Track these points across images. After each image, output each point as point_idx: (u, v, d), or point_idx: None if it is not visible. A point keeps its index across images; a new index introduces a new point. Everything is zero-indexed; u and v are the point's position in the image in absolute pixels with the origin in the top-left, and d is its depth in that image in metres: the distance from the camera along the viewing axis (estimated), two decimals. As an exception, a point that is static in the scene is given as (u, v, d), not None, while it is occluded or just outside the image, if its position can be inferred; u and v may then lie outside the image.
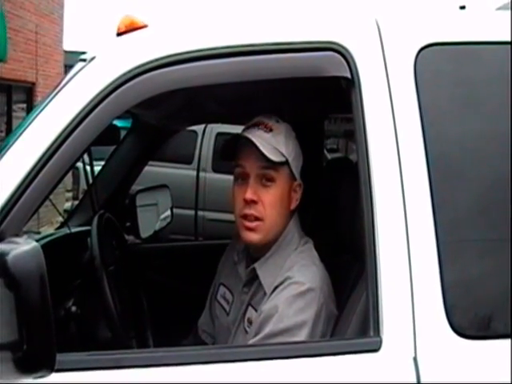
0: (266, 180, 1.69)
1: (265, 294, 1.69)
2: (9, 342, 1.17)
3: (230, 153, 1.74)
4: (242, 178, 1.71)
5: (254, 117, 1.77)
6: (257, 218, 1.68)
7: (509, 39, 1.51)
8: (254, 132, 1.69)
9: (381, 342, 1.35)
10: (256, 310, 1.70)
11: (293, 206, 1.75)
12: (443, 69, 1.51)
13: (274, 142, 1.68)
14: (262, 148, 1.63)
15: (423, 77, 1.46)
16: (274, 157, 1.65)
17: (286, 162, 1.70)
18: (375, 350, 1.35)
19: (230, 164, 1.77)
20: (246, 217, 1.68)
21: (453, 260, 1.40)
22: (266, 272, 1.71)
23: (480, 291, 1.43)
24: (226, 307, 1.85)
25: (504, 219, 1.44)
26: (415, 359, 1.35)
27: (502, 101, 1.48)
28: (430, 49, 1.49)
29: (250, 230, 1.69)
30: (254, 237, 1.69)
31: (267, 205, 1.68)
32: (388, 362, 1.35)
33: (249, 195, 1.67)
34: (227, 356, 1.40)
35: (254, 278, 1.75)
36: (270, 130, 1.70)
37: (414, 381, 1.33)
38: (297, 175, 1.74)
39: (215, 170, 7.40)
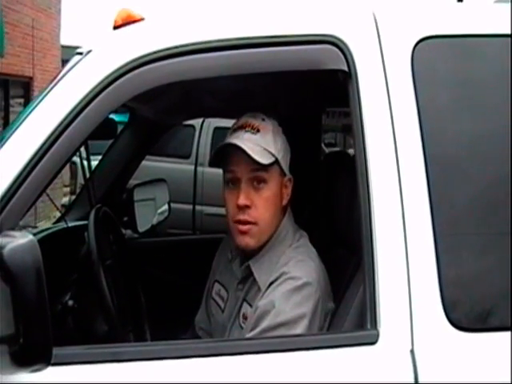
0: (257, 182, 1.67)
1: (259, 289, 1.68)
2: (5, 335, 1.17)
3: (220, 160, 1.72)
4: (232, 183, 1.69)
5: (252, 111, 1.76)
6: (250, 223, 1.67)
7: (506, 32, 1.50)
8: (242, 136, 1.67)
9: (378, 334, 1.35)
10: (251, 306, 1.69)
11: (284, 202, 1.74)
12: (440, 62, 1.51)
13: (262, 143, 1.66)
14: (251, 153, 1.61)
15: (420, 70, 1.46)
16: (263, 159, 1.63)
17: (276, 161, 1.68)
18: (372, 343, 1.35)
19: None
20: (239, 222, 1.68)
21: (450, 253, 1.40)
22: (261, 269, 1.70)
23: (477, 284, 1.43)
24: (221, 304, 1.85)
25: (501, 212, 1.44)
26: (412, 352, 1.35)
27: (500, 93, 1.48)
28: (427, 42, 1.49)
29: (245, 233, 1.68)
30: (249, 241, 1.69)
31: (260, 208, 1.67)
32: (385, 354, 1.35)
33: (242, 201, 1.65)
34: (224, 349, 1.40)
35: (248, 274, 1.74)
36: (258, 131, 1.68)
37: (412, 373, 1.33)
38: (286, 171, 1.73)
39: (213, 164, 7.37)
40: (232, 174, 1.69)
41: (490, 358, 1.37)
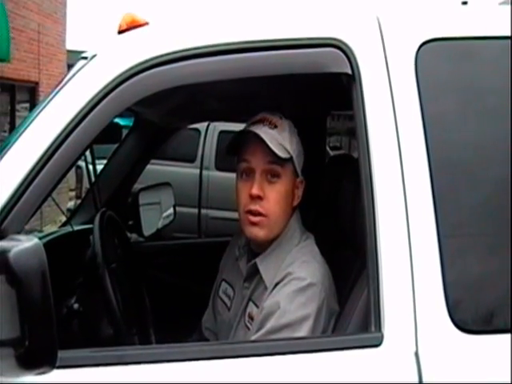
0: (271, 176, 1.69)
1: (265, 288, 1.69)
2: (11, 338, 1.17)
3: (236, 148, 1.74)
4: (246, 174, 1.71)
5: (257, 114, 1.77)
6: (261, 214, 1.68)
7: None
8: (260, 128, 1.69)
9: (382, 337, 1.35)
10: (257, 306, 1.70)
11: (295, 203, 1.76)
12: (444, 64, 1.50)
13: (279, 139, 1.68)
14: (270, 144, 1.63)
15: (424, 72, 1.46)
16: (281, 153, 1.65)
17: (291, 159, 1.70)
18: (377, 345, 1.35)
19: (234, 162, 1.77)
20: (250, 212, 1.69)
21: (454, 255, 1.40)
22: (267, 267, 1.71)
23: (481, 286, 1.43)
24: (228, 303, 1.86)
25: (505, 214, 1.44)
26: (417, 354, 1.34)
27: (504, 95, 1.47)
28: (430, 44, 1.49)
29: (255, 224, 1.69)
30: (259, 232, 1.70)
31: (272, 201, 1.68)
32: (389, 357, 1.35)
33: (255, 190, 1.66)
34: (229, 352, 1.40)
35: (254, 272, 1.75)
36: (275, 127, 1.70)
37: (416, 376, 1.33)
38: (299, 172, 1.75)
39: (218, 168, 7.39)
40: (247, 163, 1.70)
41: (495, 360, 1.37)
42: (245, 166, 1.71)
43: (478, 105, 1.49)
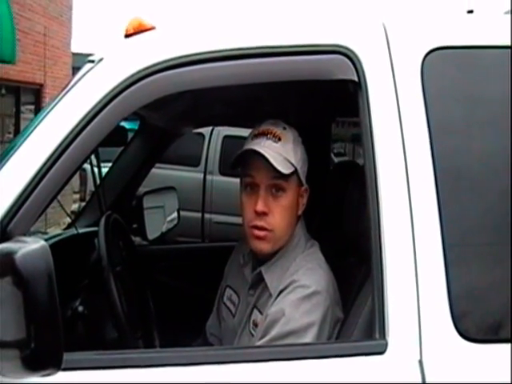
0: (275, 190, 1.68)
1: (270, 295, 1.69)
2: (17, 339, 1.18)
3: (239, 163, 1.73)
4: (251, 187, 1.70)
5: (261, 120, 1.77)
6: (267, 229, 1.68)
7: (516, 43, 1.51)
8: (263, 143, 1.67)
9: (386, 344, 1.35)
10: (261, 313, 1.70)
11: (300, 212, 1.76)
12: (450, 72, 1.51)
13: (283, 153, 1.67)
14: (273, 162, 1.62)
15: (430, 80, 1.47)
16: (284, 169, 1.64)
17: (295, 171, 1.69)
18: (381, 353, 1.35)
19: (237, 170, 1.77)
20: (256, 227, 1.69)
21: (459, 263, 1.40)
22: (273, 275, 1.71)
23: (486, 295, 1.43)
24: (232, 309, 1.86)
25: (510, 224, 1.44)
26: (421, 362, 1.34)
27: (510, 104, 1.48)
28: (437, 52, 1.49)
29: (260, 238, 1.69)
30: (264, 246, 1.70)
31: (277, 215, 1.68)
32: (393, 364, 1.35)
33: (260, 207, 1.66)
34: (233, 357, 1.40)
35: (259, 280, 1.75)
36: (279, 139, 1.68)
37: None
38: (303, 181, 1.75)
39: (222, 172, 7.40)
40: (251, 178, 1.69)
41: (499, 370, 1.36)
42: (249, 181, 1.70)
43: (483, 113, 1.49)
